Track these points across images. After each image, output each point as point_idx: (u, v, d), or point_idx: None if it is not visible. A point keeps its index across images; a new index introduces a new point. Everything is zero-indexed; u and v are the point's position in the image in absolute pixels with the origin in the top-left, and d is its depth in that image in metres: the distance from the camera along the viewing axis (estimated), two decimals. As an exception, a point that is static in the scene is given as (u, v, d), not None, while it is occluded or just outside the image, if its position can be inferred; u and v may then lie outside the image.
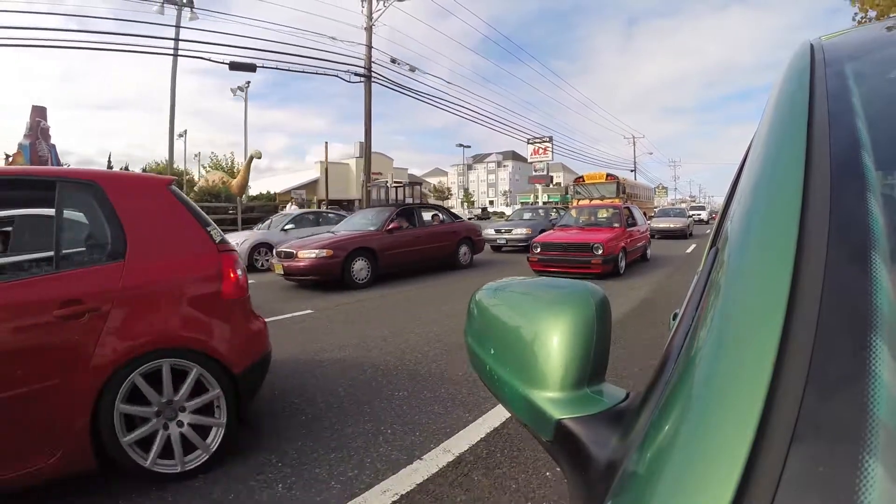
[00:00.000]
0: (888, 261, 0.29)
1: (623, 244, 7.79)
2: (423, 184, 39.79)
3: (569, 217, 9.59)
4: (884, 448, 0.21)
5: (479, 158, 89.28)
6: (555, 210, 14.86)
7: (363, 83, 16.06)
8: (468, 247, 9.54)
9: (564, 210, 13.33)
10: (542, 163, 29.70)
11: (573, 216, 9.54)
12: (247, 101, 28.30)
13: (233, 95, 27.69)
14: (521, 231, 11.95)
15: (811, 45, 0.56)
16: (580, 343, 0.44)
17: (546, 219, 12.99)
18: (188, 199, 2.42)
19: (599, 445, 0.39)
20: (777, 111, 0.48)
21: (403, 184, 27.20)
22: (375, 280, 7.54)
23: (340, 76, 15.45)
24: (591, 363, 0.44)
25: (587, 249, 7.39)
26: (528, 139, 29.17)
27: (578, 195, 21.92)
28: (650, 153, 61.11)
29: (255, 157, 14.99)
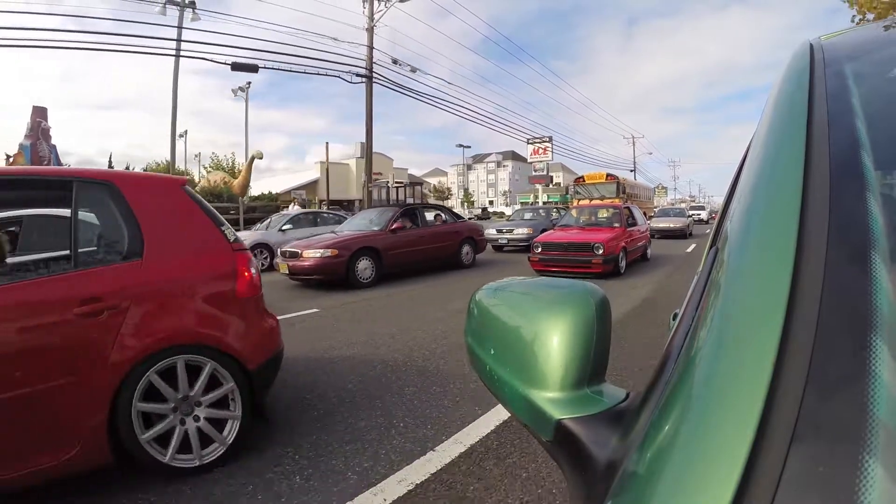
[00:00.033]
0: (888, 261, 0.29)
1: (623, 244, 7.79)
2: (424, 184, 39.78)
3: (569, 217, 9.58)
4: (884, 448, 0.21)
5: (479, 158, 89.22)
6: (555, 210, 14.86)
7: (364, 84, 16.08)
8: (471, 246, 9.54)
9: (565, 210, 13.32)
10: (542, 163, 29.70)
11: (573, 216, 9.53)
12: (248, 102, 28.35)
13: (233, 96, 27.75)
14: (523, 231, 11.95)
15: (811, 45, 0.55)
16: (580, 343, 0.44)
17: (547, 219, 12.99)
18: (202, 199, 2.43)
19: (599, 445, 0.39)
20: (776, 111, 0.48)
21: (404, 184, 27.23)
22: (379, 279, 7.55)
23: (342, 77, 15.48)
24: (591, 363, 0.44)
25: (588, 249, 7.40)
26: (528, 139, 29.18)
27: (578, 195, 21.90)
28: (650, 153, 61.28)
29: (257, 158, 14.85)
